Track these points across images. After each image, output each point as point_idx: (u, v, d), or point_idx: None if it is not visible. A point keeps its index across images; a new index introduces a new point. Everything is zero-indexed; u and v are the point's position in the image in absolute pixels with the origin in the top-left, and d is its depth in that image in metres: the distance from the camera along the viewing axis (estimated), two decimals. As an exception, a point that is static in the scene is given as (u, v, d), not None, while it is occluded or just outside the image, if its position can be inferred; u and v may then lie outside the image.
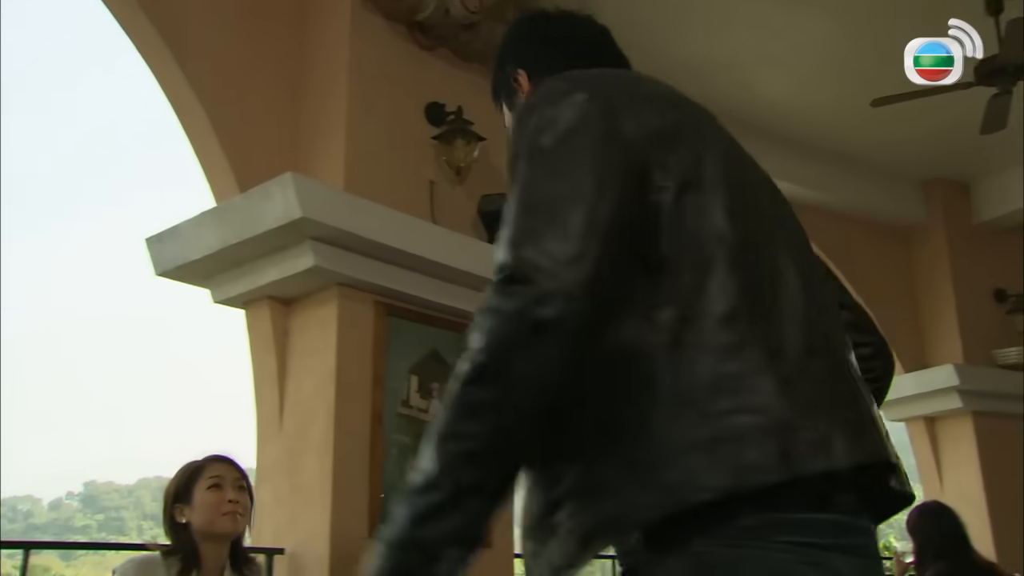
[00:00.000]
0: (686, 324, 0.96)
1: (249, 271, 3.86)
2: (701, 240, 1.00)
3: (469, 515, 0.91)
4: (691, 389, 0.94)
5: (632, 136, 1.02)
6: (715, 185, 1.04)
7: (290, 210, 3.48)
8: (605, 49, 1.38)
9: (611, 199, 0.98)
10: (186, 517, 2.38)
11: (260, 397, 4.04)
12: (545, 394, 0.93)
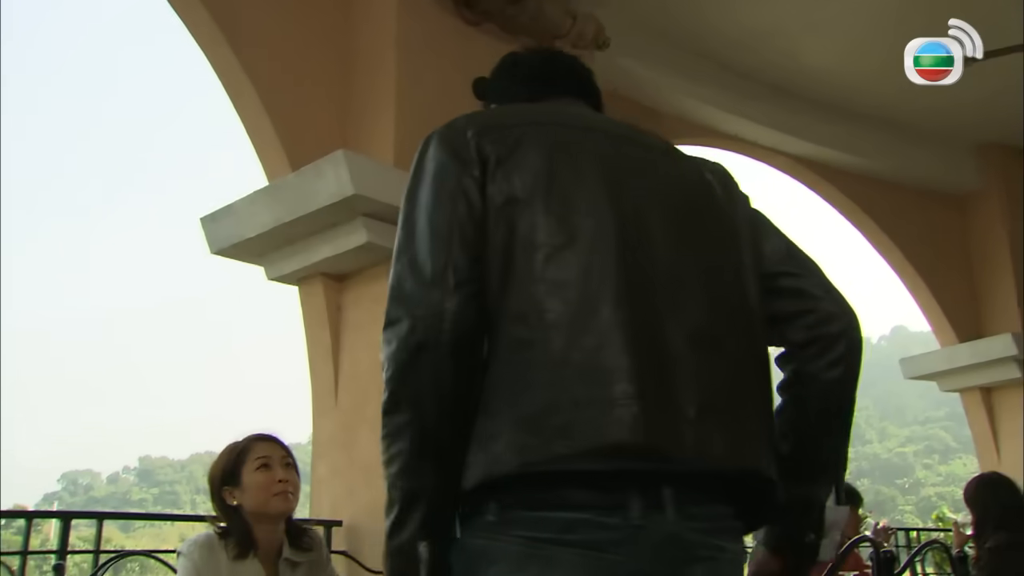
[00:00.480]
0: (490, 332, 1.15)
1: (302, 248, 3.90)
2: (511, 250, 1.15)
3: (423, 515, 1.13)
4: (485, 392, 1.14)
5: (469, 172, 1.19)
6: (535, 198, 1.17)
7: (342, 187, 3.51)
8: (555, 82, 1.49)
9: (450, 238, 1.16)
10: (236, 499, 2.35)
11: (315, 372, 4.10)
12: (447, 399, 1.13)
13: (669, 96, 5.74)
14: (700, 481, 1.13)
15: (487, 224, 1.17)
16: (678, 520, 1.10)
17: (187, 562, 2.24)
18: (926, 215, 6.99)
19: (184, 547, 2.30)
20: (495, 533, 1.10)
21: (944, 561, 5.23)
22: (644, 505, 1.09)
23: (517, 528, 1.08)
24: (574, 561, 1.06)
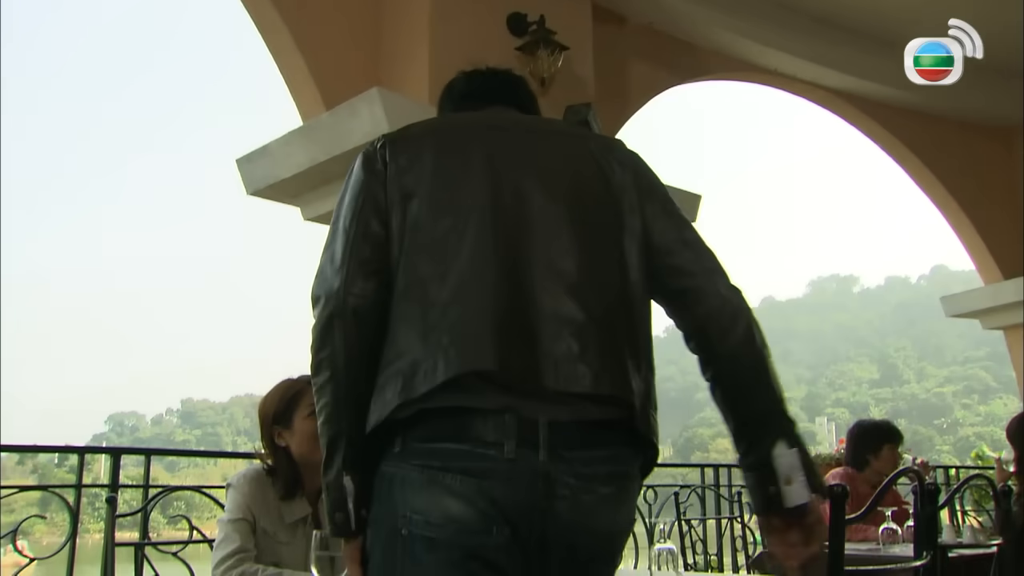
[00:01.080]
0: (398, 297, 1.39)
1: (338, 188, 3.84)
2: (403, 235, 1.39)
3: (343, 455, 1.38)
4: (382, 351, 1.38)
5: (376, 178, 1.44)
6: (422, 189, 1.42)
7: (377, 125, 3.49)
8: (484, 95, 1.67)
9: (356, 232, 1.41)
10: (285, 441, 2.34)
11: (352, 312, 4.13)
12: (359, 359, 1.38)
13: (706, 29, 5.62)
14: (570, 426, 1.32)
15: (390, 217, 1.41)
16: (548, 460, 1.29)
17: (236, 494, 2.27)
18: (970, 148, 6.82)
19: (234, 479, 2.32)
20: (400, 462, 1.33)
21: (984, 498, 5.21)
22: (518, 444, 1.29)
23: (415, 458, 1.31)
24: (459, 486, 1.28)
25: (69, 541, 2.86)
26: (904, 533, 3.51)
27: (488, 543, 1.29)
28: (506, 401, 1.30)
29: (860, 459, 4.10)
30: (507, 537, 1.29)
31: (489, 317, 1.33)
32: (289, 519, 2.29)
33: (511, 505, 1.29)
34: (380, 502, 1.36)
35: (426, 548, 1.29)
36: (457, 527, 1.28)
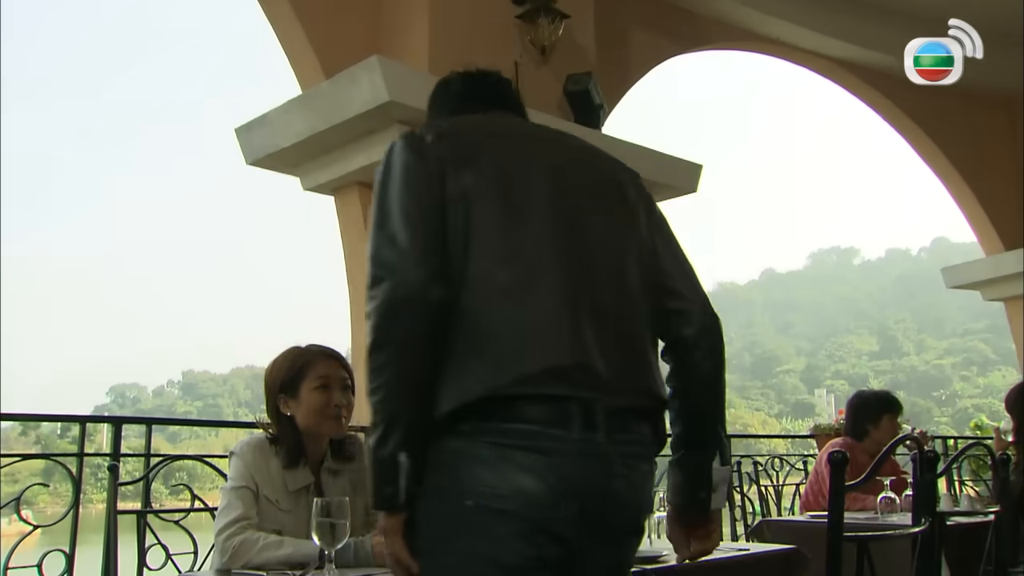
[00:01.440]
0: (456, 294, 1.44)
1: (338, 157, 3.89)
2: (468, 232, 1.46)
3: (401, 433, 1.39)
4: (454, 339, 1.43)
5: (429, 168, 1.49)
6: (484, 194, 1.48)
7: (377, 94, 3.47)
8: (482, 97, 1.77)
9: (418, 218, 1.46)
10: (291, 411, 2.35)
11: (353, 281, 4.13)
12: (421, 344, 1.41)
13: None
14: (620, 413, 1.47)
15: (445, 211, 1.47)
16: (607, 443, 1.43)
17: (239, 462, 2.28)
18: (972, 118, 6.78)
19: (236, 447, 2.33)
20: (470, 440, 1.39)
21: (981, 468, 5.24)
22: (582, 427, 1.41)
23: (487, 436, 1.39)
24: (531, 463, 1.38)
25: (72, 509, 2.88)
26: (902, 502, 3.54)
27: (556, 516, 1.39)
28: (571, 389, 1.41)
29: (859, 429, 4.12)
30: (574, 512, 1.40)
31: (562, 313, 1.45)
32: (292, 487, 2.30)
33: (579, 481, 1.40)
34: (444, 475, 1.41)
35: (495, 520, 1.38)
36: (527, 500, 1.37)
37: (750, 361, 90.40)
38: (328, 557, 1.91)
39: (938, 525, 1.89)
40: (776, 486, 4.78)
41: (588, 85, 4.24)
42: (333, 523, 1.91)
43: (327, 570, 1.89)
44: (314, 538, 1.93)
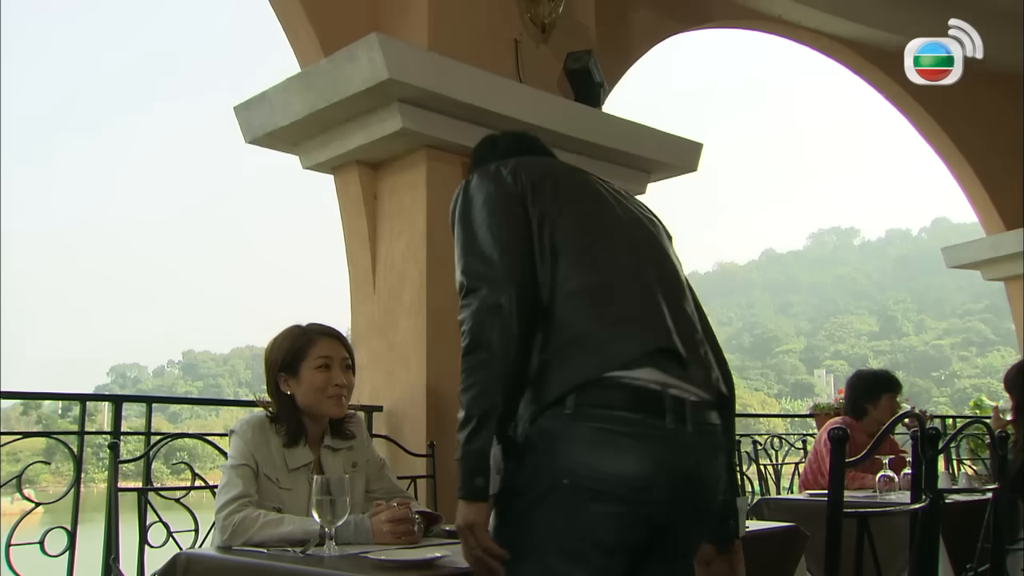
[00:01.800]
0: (550, 299, 1.61)
1: (337, 136, 3.87)
2: (556, 246, 1.64)
3: (491, 429, 1.51)
4: (556, 334, 1.59)
5: (510, 193, 1.68)
6: (562, 212, 1.68)
7: (376, 72, 3.44)
8: (531, 147, 2.00)
9: (506, 237, 1.63)
10: (291, 390, 2.36)
11: (353, 260, 4.12)
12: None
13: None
14: (704, 404, 1.61)
15: (531, 229, 1.65)
16: (694, 432, 1.55)
17: (239, 440, 2.29)
18: (975, 97, 6.73)
19: (237, 425, 2.33)
20: (571, 422, 1.50)
21: (979, 448, 5.25)
22: (675, 418, 1.53)
23: (588, 420, 1.50)
24: (630, 446, 1.49)
25: (73, 487, 2.89)
26: (901, 481, 3.55)
27: (648, 499, 1.50)
28: (665, 377, 1.55)
29: (859, 408, 4.13)
30: (665, 495, 1.51)
31: (651, 310, 1.63)
32: (292, 465, 2.31)
33: (669, 467, 1.52)
34: (540, 455, 1.53)
35: (591, 498, 1.48)
36: (622, 482, 1.48)
37: (749, 341, 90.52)
38: (328, 534, 1.92)
39: (938, 503, 1.89)
40: (775, 465, 4.80)
41: (588, 63, 4.22)
42: (333, 500, 1.92)
43: (327, 547, 1.90)
44: (314, 515, 1.94)
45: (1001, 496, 2.29)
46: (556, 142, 4.05)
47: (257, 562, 1.90)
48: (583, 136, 4.10)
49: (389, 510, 2.14)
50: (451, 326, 4.04)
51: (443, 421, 3.69)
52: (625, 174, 4.45)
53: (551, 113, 3.98)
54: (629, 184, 4.50)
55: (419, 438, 3.61)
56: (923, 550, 1.75)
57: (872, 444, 1.89)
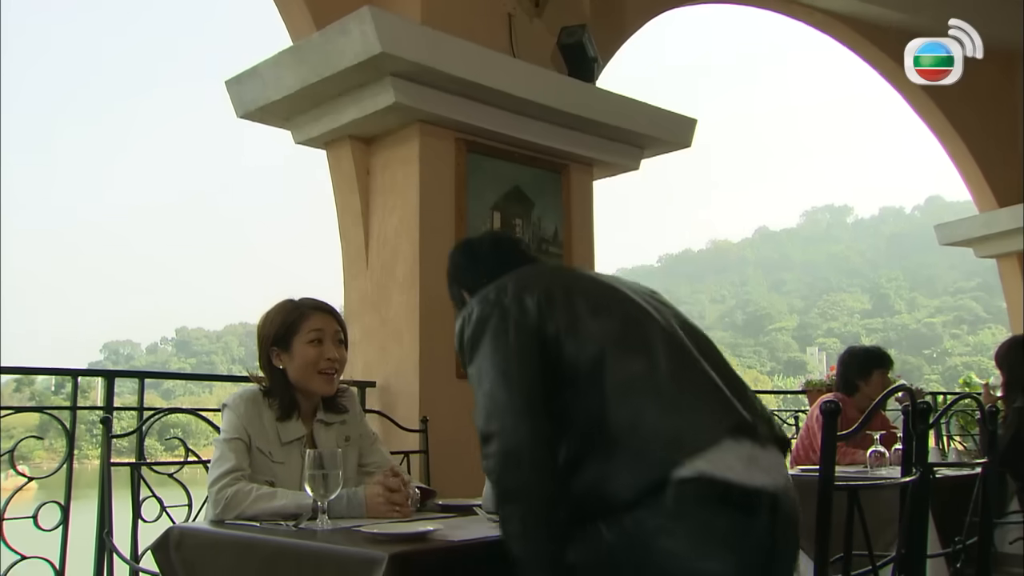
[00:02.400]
0: (617, 392, 1.63)
1: (329, 110, 3.84)
2: (595, 356, 1.64)
3: (542, 568, 1.56)
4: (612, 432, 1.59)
5: (522, 317, 1.68)
6: (578, 322, 1.67)
7: (369, 46, 3.42)
8: (513, 255, 2.01)
9: (521, 371, 1.65)
10: (283, 364, 2.35)
11: (345, 236, 4.11)
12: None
13: (705, -51, 5.49)
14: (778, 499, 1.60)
15: (548, 356, 1.64)
16: (775, 530, 1.56)
17: (232, 414, 2.28)
18: (969, 74, 6.69)
19: (229, 399, 2.33)
20: (653, 520, 1.50)
21: (969, 424, 5.28)
22: (768, 512, 1.55)
23: (685, 516, 1.50)
24: (717, 541, 1.50)
25: (66, 462, 2.90)
26: (892, 456, 3.57)
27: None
28: (750, 453, 1.57)
29: (850, 384, 4.14)
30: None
31: (711, 384, 1.64)
32: (285, 439, 2.31)
33: (754, 567, 1.53)
34: (625, 554, 1.53)
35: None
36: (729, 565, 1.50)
37: (742, 319, 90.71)
38: (321, 508, 1.92)
39: (928, 476, 1.91)
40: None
41: (582, 38, 4.19)
42: (326, 474, 1.93)
43: (320, 521, 1.90)
44: (307, 489, 1.94)
45: (990, 470, 2.31)
46: (549, 117, 4.05)
47: (250, 536, 1.90)
48: (576, 111, 4.08)
49: (383, 478, 2.14)
50: (444, 301, 4.04)
51: (436, 396, 3.70)
52: (619, 149, 4.44)
53: (544, 88, 3.96)
54: (623, 159, 4.49)
55: (412, 413, 3.61)
56: (912, 523, 1.76)
57: (864, 417, 1.89)
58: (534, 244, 4.16)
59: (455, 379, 3.80)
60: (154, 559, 2.03)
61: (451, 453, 3.57)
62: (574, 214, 4.34)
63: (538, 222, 4.19)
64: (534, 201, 4.18)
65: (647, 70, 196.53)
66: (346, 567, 1.61)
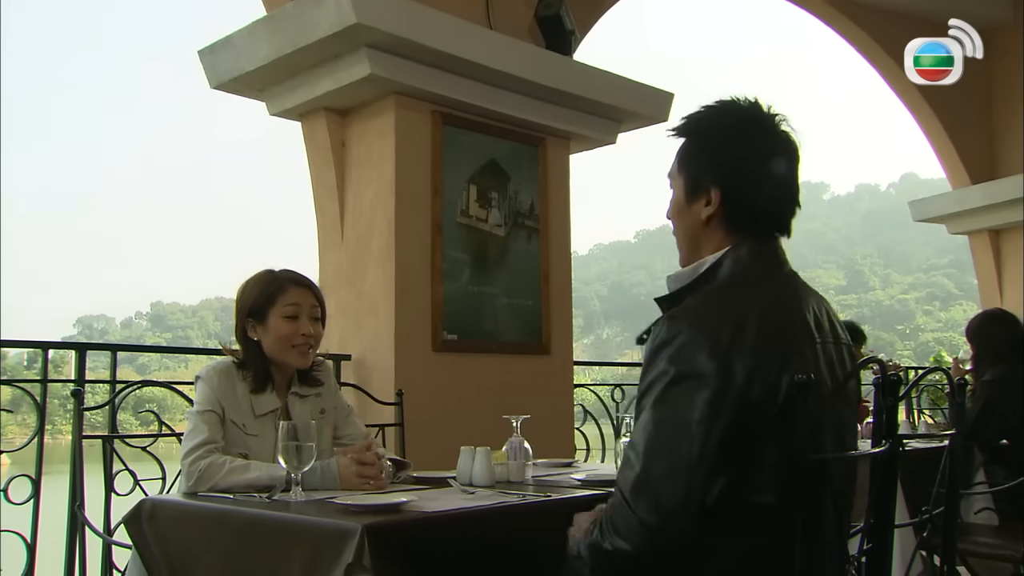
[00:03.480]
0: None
1: (304, 81, 3.80)
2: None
3: None
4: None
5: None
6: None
7: (344, 16, 3.38)
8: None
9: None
10: (258, 336, 2.34)
11: (320, 208, 4.08)
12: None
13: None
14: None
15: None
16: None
17: (205, 387, 2.28)
18: (946, 52, 6.74)
19: (203, 371, 2.32)
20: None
21: (939, 399, 5.35)
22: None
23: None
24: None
25: (37, 435, 2.87)
26: (863, 430, 3.61)
27: None
28: None
29: (823, 358, 4.18)
30: None
31: None
32: (259, 412, 2.31)
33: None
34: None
35: None
36: None
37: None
38: (294, 480, 1.92)
39: (897, 448, 1.93)
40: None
41: (559, 10, 4.16)
42: (299, 446, 1.92)
43: (293, 492, 1.90)
44: (280, 461, 1.94)
45: (957, 442, 2.34)
46: (526, 90, 4.03)
47: (223, 507, 1.90)
48: (553, 84, 4.06)
49: (354, 451, 2.14)
50: (420, 277, 4.03)
51: (411, 370, 3.70)
52: (596, 123, 4.43)
53: (521, 60, 3.93)
54: (600, 133, 4.48)
55: (387, 386, 3.61)
56: (881, 493, 1.78)
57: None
58: (510, 218, 4.16)
59: (431, 352, 3.80)
60: (127, 532, 2.03)
61: (426, 426, 3.58)
62: (551, 188, 4.33)
63: (514, 196, 4.18)
64: (510, 175, 4.17)
65: (628, 53, 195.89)
66: (320, 538, 1.61)
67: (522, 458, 2.32)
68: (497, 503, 1.87)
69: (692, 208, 1.61)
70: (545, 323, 4.25)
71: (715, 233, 1.59)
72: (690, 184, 1.62)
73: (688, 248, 1.65)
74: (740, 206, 1.57)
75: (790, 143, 1.62)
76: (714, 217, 1.58)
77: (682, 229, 1.66)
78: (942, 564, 2.31)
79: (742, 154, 1.58)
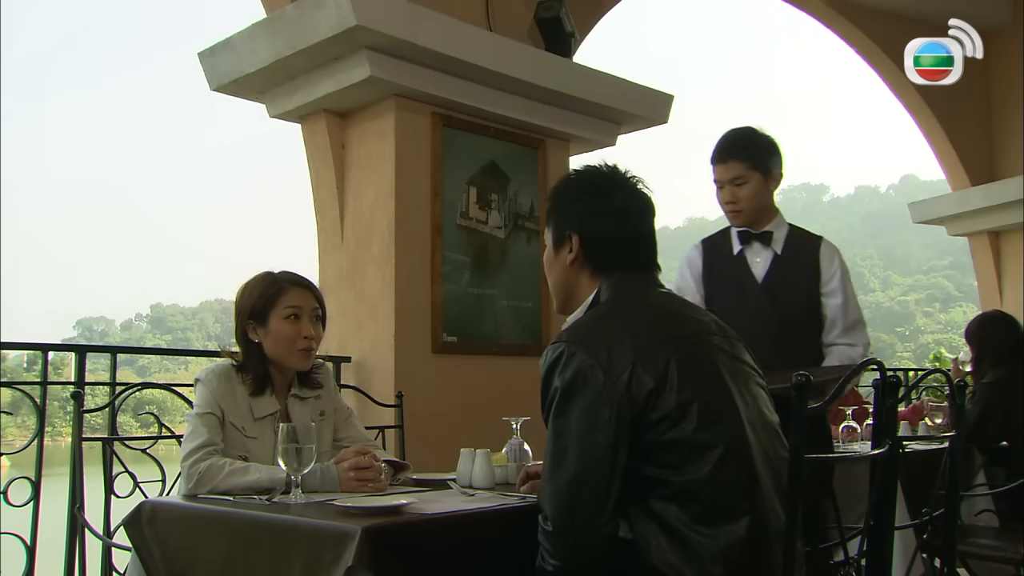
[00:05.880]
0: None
1: (304, 83, 3.80)
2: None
3: None
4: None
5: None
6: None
7: (344, 18, 3.38)
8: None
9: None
10: (258, 337, 2.33)
11: (320, 210, 4.08)
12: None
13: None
14: None
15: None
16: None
17: (205, 389, 2.27)
18: (945, 53, 6.73)
19: (202, 374, 2.31)
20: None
21: (939, 400, 5.35)
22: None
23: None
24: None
25: (36, 437, 2.87)
26: (863, 431, 3.61)
27: None
28: None
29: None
30: None
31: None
32: (258, 414, 2.30)
33: None
34: None
35: None
36: None
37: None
38: (294, 482, 1.92)
39: (897, 449, 1.93)
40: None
41: (559, 12, 4.17)
42: (299, 448, 1.92)
43: (293, 495, 1.90)
44: (280, 463, 1.94)
45: (957, 444, 2.34)
46: (526, 92, 4.03)
47: (223, 510, 1.90)
48: (553, 86, 4.07)
49: (352, 459, 2.14)
50: (421, 278, 4.03)
51: (411, 371, 3.70)
52: (595, 125, 4.44)
53: (521, 62, 3.94)
54: (599, 135, 4.48)
55: (387, 388, 3.61)
56: (882, 494, 1.78)
57: (836, 390, 1.91)
58: (510, 220, 4.16)
59: (430, 354, 3.80)
60: (127, 534, 2.02)
61: (426, 428, 3.58)
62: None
63: (514, 198, 4.18)
64: (510, 177, 4.17)
65: (628, 55, 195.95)
66: (320, 540, 1.61)
67: (522, 460, 2.31)
68: (497, 505, 1.87)
69: (559, 256, 1.81)
70: (545, 325, 4.25)
71: (581, 274, 1.78)
72: (555, 235, 1.83)
73: (562, 295, 1.84)
74: (598, 249, 1.77)
75: (643, 196, 1.82)
76: (576, 260, 1.78)
77: (553, 277, 1.85)
78: (942, 566, 2.32)
79: (596, 205, 1.78)
